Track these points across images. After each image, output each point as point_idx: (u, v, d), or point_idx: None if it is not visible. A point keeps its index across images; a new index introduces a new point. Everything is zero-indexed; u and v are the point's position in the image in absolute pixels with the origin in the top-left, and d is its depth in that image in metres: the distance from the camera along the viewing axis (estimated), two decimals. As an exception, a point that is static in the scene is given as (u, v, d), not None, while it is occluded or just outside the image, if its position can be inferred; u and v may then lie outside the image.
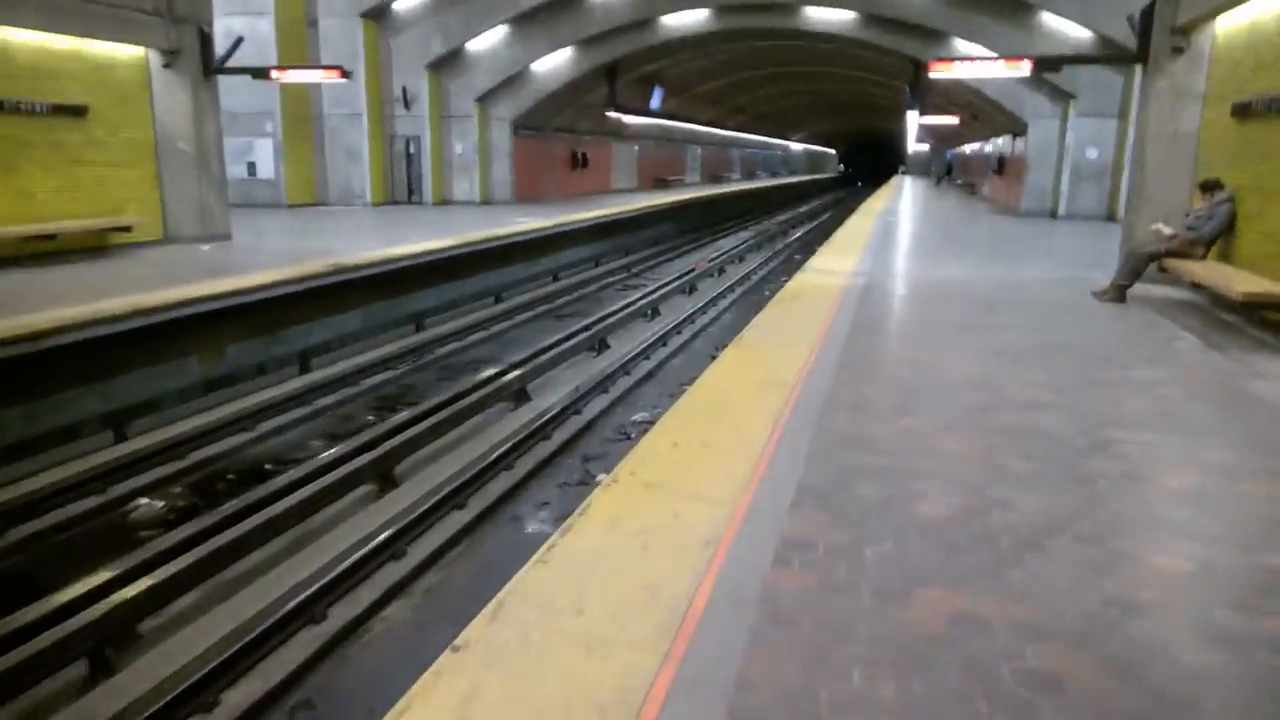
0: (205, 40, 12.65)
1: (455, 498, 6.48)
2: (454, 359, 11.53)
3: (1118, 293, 8.38)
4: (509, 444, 7.50)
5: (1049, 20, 18.88)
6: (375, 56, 22.21)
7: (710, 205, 30.82)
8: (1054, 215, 20.39)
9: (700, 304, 14.62)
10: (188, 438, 7.71)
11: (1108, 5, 17.91)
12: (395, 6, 21.85)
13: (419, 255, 12.79)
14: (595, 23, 21.60)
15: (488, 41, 22.23)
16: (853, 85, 35.80)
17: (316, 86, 22.02)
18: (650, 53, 23.13)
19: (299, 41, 21.59)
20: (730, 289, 16.64)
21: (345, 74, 12.99)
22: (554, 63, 22.68)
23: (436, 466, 7.11)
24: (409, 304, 12.89)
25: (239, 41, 13.23)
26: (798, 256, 22.73)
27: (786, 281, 11.99)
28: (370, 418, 8.99)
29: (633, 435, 8.50)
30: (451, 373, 10.83)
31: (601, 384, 9.78)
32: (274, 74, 13.12)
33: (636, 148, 33.43)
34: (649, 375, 10.67)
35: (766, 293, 16.87)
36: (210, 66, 12.68)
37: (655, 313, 13.97)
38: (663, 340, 12.15)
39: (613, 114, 24.18)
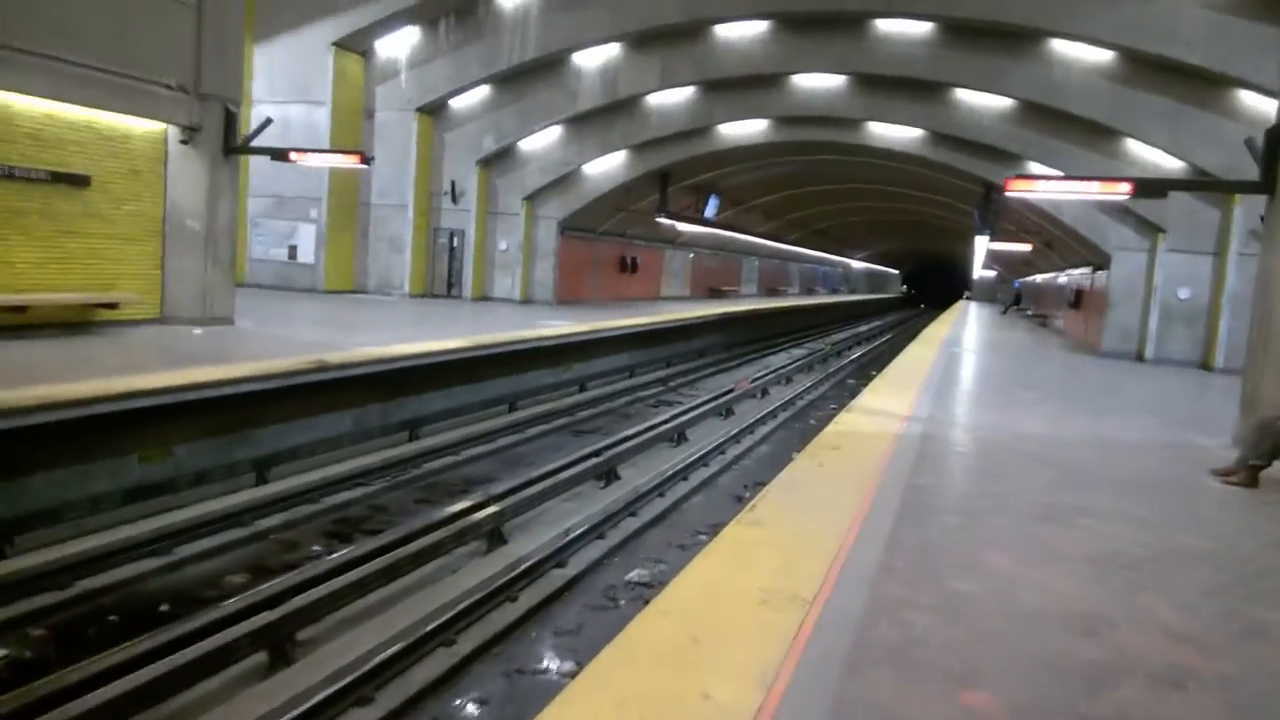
0: (229, 119, 12.04)
1: (361, 687, 4.95)
2: (442, 476, 10.13)
3: (1250, 475, 6.60)
4: (458, 608, 5.97)
5: (1135, 148, 17.54)
6: (428, 150, 21.91)
7: (762, 319, 29.57)
8: (1140, 358, 18.50)
9: (734, 430, 13.07)
10: (78, 561, 6.39)
11: (1203, 134, 16.55)
12: (452, 103, 21.64)
13: (428, 355, 11.64)
14: (650, 128, 21.02)
15: (540, 141, 21.79)
16: (918, 206, 34.78)
17: (368, 175, 21.76)
18: (706, 161, 22.43)
19: (354, 132, 21.44)
20: (770, 414, 15.07)
21: (366, 160, 12.22)
22: (606, 165, 22.09)
23: (356, 633, 5.61)
24: (408, 408, 11.66)
25: (267, 122, 12.63)
26: (851, 381, 21.12)
27: (835, 412, 10.44)
28: (317, 548, 7.58)
29: (622, 601, 6.91)
30: (434, 494, 9.41)
31: (598, 527, 8.24)
32: (294, 156, 12.42)
33: (690, 255, 32.66)
34: (659, 518, 9.09)
35: (812, 421, 15.27)
36: (231, 145, 12.01)
37: (681, 438, 12.45)
38: (684, 474, 10.59)
39: (663, 220, 23.39)
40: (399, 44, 21.11)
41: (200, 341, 10.93)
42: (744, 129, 21.05)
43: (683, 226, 27.21)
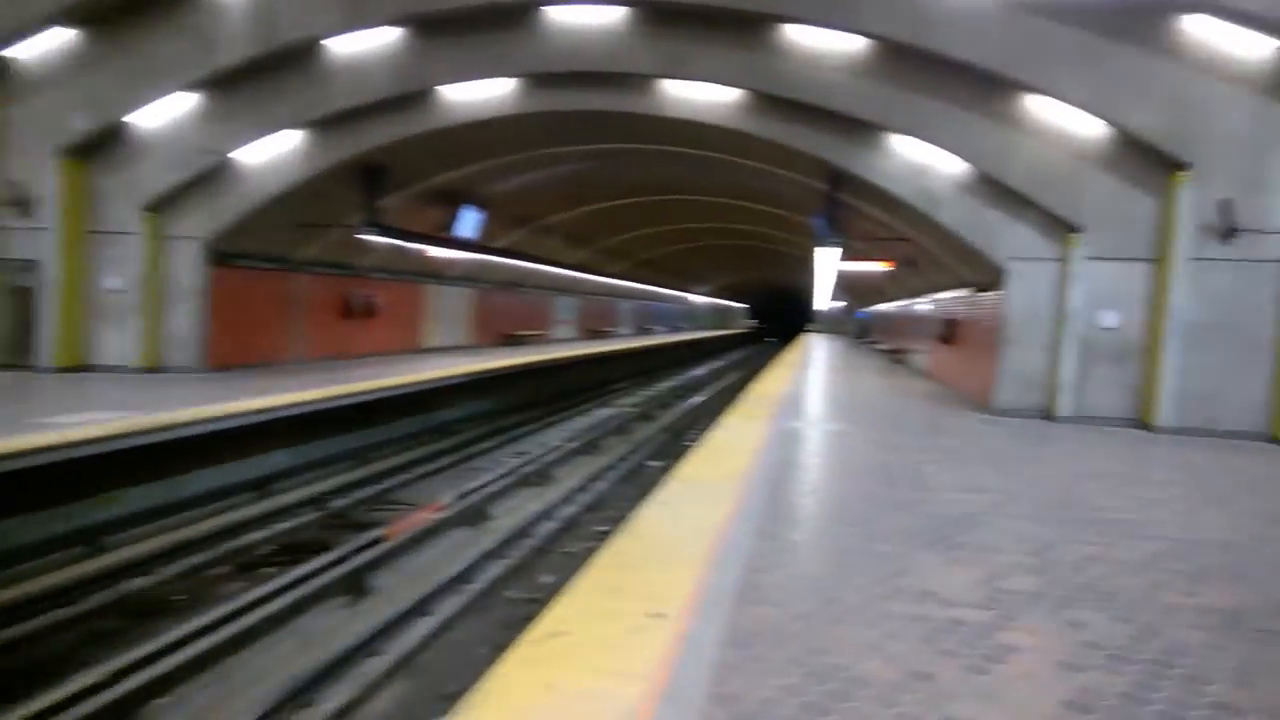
0: None
1: None
2: None
3: None
4: None
5: (1039, 107, 11.81)
6: (-27, 131, 13.63)
7: (561, 370, 22.56)
8: (1049, 416, 12.63)
9: (331, 653, 5.70)
10: None
11: (1135, 83, 10.98)
12: (15, 55, 13.50)
13: None
14: (338, 93, 13.63)
15: (166, 116, 13.97)
16: (752, 223, 29.03)
17: None
18: (435, 144, 15.20)
19: None
20: (452, 583, 7.80)
21: None
22: (276, 153, 14.50)
23: None
24: None
25: None
26: (652, 464, 14.25)
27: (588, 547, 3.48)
28: None
29: None
30: None
31: None
32: None
33: (471, 293, 25.22)
34: None
35: (543, 579, 8.08)
36: None
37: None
38: None
39: (369, 237, 15.94)
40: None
41: None
42: (481, 93, 14.01)
43: (441, 253, 19.84)
